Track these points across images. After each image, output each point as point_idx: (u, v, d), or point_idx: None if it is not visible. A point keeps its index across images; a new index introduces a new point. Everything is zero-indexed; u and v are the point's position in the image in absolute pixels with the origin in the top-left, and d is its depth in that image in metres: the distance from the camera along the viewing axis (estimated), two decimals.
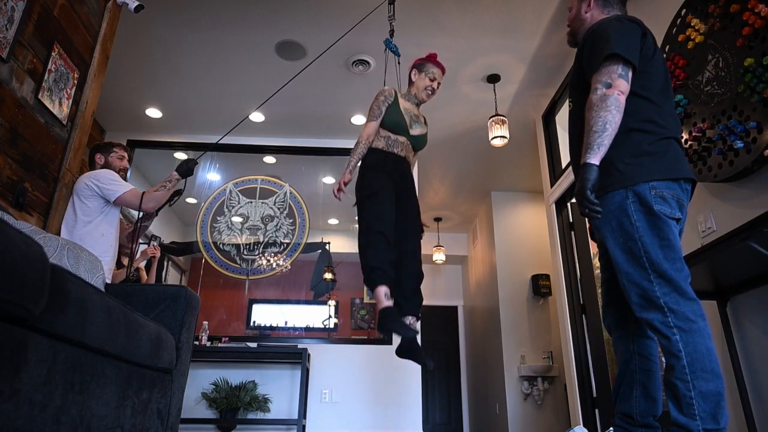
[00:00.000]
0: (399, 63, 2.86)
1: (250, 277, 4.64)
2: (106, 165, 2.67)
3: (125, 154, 2.77)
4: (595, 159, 1.47)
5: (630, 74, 1.54)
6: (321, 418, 4.12)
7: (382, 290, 2.10)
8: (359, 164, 2.43)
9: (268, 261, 4.71)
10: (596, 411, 3.69)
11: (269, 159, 5.15)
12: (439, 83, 2.56)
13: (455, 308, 7.75)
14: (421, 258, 2.41)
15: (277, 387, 4.14)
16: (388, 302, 2.10)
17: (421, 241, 2.46)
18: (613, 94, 1.50)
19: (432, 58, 2.58)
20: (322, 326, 4.74)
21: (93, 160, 2.70)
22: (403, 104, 2.49)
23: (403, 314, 2.23)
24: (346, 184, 2.32)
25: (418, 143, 2.50)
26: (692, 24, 2.37)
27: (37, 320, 0.99)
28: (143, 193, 2.48)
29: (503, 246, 5.95)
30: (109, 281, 2.32)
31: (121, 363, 1.40)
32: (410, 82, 2.58)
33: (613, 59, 1.54)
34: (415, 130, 2.49)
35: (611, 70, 1.53)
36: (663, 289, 1.44)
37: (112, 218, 2.51)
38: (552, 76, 4.09)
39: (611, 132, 1.48)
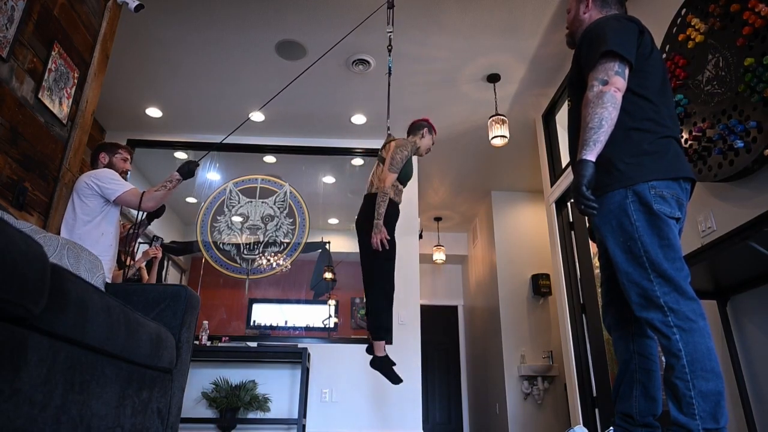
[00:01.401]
0: (390, 73, 3.12)
1: (250, 277, 4.65)
2: (110, 165, 2.67)
3: (129, 157, 2.77)
4: (591, 155, 1.47)
5: (627, 72, 1.54)
6: (321, 418, 4.12)
7: (384, 344, 2.74)
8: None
9: (268, 260, 4.71)
10: (596, 410, 3.69)
11: (269, 158, 5.15)
12: None
13: (455, 308, 7.75)
14: None
15: (277, 386, 4.14)
16: (385, 351, 2.74)
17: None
18: (610, 90, 1.49)
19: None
20: (322, 326, 4.74)
21: (96, 158, 2.69)
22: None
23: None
24: (388, 240, 2.62)
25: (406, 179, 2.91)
26: (692, 23, 2.37)
27: (37, 320, 0.99)
28: (143, 192, 2.48)
29: (503, 245, 5.95)
30: (109, 280, 2.32)
31: (121, 362, 1.40)
32: (420, 136, 2.94)
33: (609, 56, 1.53)
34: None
35: (608, 67, 1.53)
36: (663, 289, 1.44)
37: (112, 217, 2.51)
38: (552, 75, 4.08)
39: (607, 128, 1.48)
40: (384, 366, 2.72)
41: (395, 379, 2.75)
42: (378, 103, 4.41)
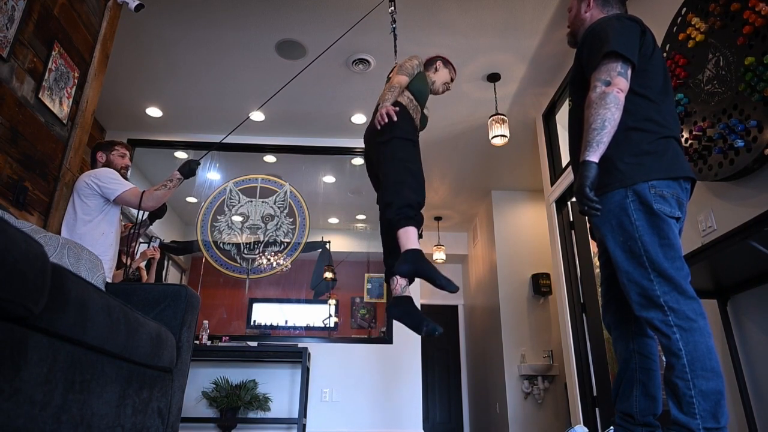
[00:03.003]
0: (396, 54, 2.85)
1: (250, 276, 4.65)
2: (108, 163, 2.67)
3: (127, 152, 2.77)
4: (594, 157, 1.47)
5: (629, 72, 1.54)
6: (321, 417, 4.12)
7: (416, 231, 1.94)
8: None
9: (269, 260, 4.71)
10: (596, 410, 3.69)
11: (269, 158, 5.15)
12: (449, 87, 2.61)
13: (455, 307, 7.75)
14: None
15: (277, 386, 4.14)
16: (418, 245, 1.90)
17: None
18: (613, 91, 1.49)
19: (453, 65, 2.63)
20: (323, 325, 4.74)
21: (95, 158, 2.70)
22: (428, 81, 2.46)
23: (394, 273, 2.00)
24: (396, 113, 2.05)
25: (423, 123, 2.42)
26: (693, 23, 2.37)
27: (37, 319, 0.99)
28: (143, 192, 2.48)
29: (503, 245, 5.94)
30: (109, 280, 2.32)
31: (122, 362, 1.40)
32: (434, 70, 2.53)
33: (612, 57, 1.53)
34: (426, 110, 2.45)
35: (610, 68, 1.53)
36: (663, 288, 1.44)
37: (113, 217, 2.51)
38: (552, 74, 4.08)
39: (610, 130, 1.48)
40: (427, 268, 1.87)
41: (431, 327, 1.95)
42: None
